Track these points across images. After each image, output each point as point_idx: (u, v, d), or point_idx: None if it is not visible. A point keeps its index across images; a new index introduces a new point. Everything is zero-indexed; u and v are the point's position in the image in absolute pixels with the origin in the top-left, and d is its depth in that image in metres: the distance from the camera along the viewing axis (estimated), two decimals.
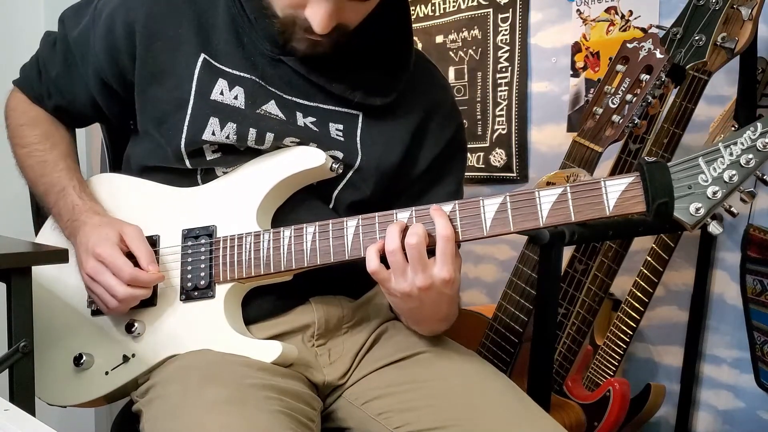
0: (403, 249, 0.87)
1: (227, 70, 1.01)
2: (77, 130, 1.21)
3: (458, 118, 1.15)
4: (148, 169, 1.08)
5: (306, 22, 0.93)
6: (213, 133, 0.99)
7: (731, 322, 1.69)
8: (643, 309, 1.65)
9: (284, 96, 1.02)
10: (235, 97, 1.00)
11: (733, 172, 0.81)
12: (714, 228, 0.86)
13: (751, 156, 0.81)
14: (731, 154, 0.81)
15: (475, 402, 0.95)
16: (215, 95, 1.00)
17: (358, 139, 1.04)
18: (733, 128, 1.51)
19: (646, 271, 1.63)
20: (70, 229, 1.03)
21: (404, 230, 0.88)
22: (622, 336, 1.68)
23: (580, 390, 1.69)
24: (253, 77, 1.01)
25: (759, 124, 0.81)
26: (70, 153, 1.12)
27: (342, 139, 1.04)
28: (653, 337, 1.85)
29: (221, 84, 1.00)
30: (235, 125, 0.99)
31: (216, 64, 1.00)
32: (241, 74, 1.01)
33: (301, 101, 1.03)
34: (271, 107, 1.01)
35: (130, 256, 0.98)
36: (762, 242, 1.53)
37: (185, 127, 0.99)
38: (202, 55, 1.00)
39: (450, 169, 1.12)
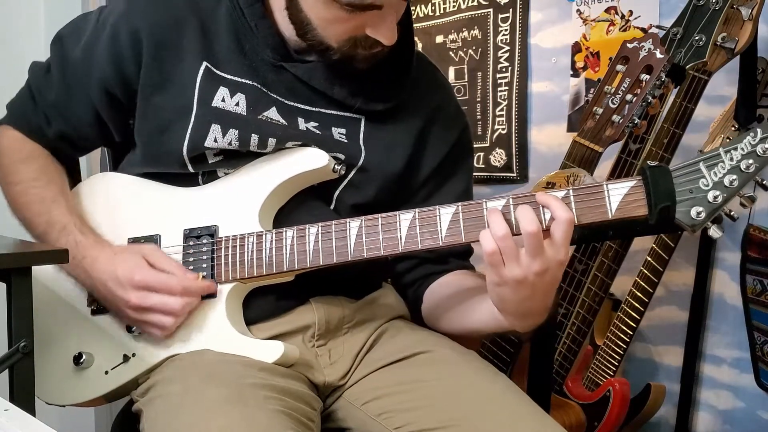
0: (512, 234, 0.85)
1: (229, 77, 1.01)
2: None
3: (463, 120, 1.15)
4: (149, 171, 1.07)
5: (369, 39, 0.95)
6: (215, 140, 0.99)
7: (731, 322, 1.69)
8: (643, 309, 1.65)
9: (285, 102, 1.02)
10: (237, 104, 1.00)
11: (734, 177, 0.82)
12: (714, 231, 0.86)
13: (751, 161, 0.81)
14: (731, 159, 0.82)
15: (475, 402, 0.95)
16: (217, 102, 1.00)
17: (362, 140, 1.04)
18: (733, 128, 1.51)
19: (646, 271, 1.63)
20: (79, 269, 1.00)
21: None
22: (622, 336, 1.68)
23: (580, 390, 1.69)
24: (255, 84, 1.01)
25: (759, 130, 0.82)
26: (65, 188, 1.09)
27: (345, 141, 1.04)
28: (653, 337, 1.86)
29: (223, 91, 1.00)
30: (237, 131, 0.99)
31: (217, 71, 1.01)
32: (243, 81, 1.01)
33: (302, 106, 1.03)
34: (272, 113, 1.01)
35: None
36: (762, 242, 1.53)
37: (188, 135, 0.99)
38: (204, 64, 1.00)
39: (456, 171, 1.12)
